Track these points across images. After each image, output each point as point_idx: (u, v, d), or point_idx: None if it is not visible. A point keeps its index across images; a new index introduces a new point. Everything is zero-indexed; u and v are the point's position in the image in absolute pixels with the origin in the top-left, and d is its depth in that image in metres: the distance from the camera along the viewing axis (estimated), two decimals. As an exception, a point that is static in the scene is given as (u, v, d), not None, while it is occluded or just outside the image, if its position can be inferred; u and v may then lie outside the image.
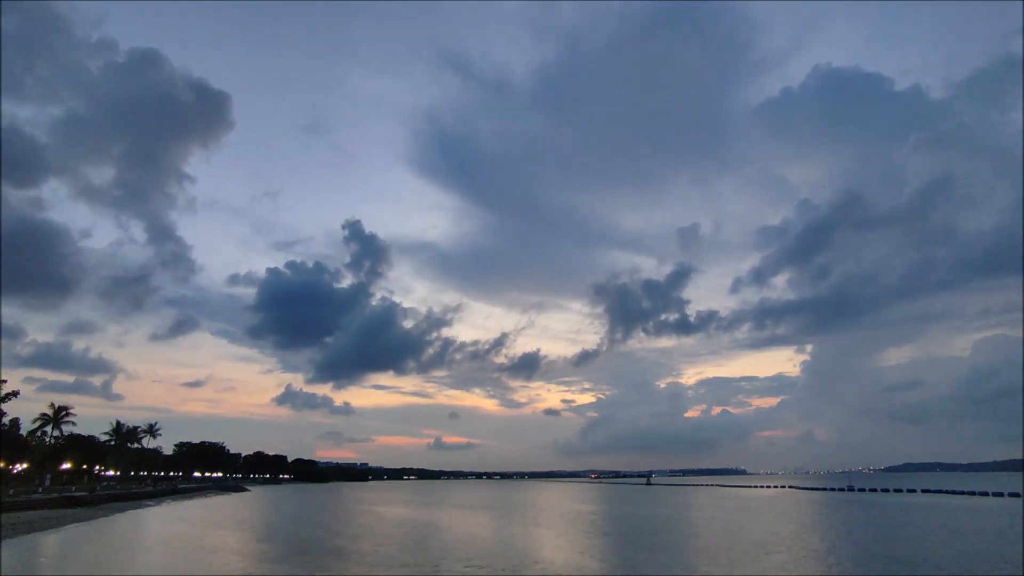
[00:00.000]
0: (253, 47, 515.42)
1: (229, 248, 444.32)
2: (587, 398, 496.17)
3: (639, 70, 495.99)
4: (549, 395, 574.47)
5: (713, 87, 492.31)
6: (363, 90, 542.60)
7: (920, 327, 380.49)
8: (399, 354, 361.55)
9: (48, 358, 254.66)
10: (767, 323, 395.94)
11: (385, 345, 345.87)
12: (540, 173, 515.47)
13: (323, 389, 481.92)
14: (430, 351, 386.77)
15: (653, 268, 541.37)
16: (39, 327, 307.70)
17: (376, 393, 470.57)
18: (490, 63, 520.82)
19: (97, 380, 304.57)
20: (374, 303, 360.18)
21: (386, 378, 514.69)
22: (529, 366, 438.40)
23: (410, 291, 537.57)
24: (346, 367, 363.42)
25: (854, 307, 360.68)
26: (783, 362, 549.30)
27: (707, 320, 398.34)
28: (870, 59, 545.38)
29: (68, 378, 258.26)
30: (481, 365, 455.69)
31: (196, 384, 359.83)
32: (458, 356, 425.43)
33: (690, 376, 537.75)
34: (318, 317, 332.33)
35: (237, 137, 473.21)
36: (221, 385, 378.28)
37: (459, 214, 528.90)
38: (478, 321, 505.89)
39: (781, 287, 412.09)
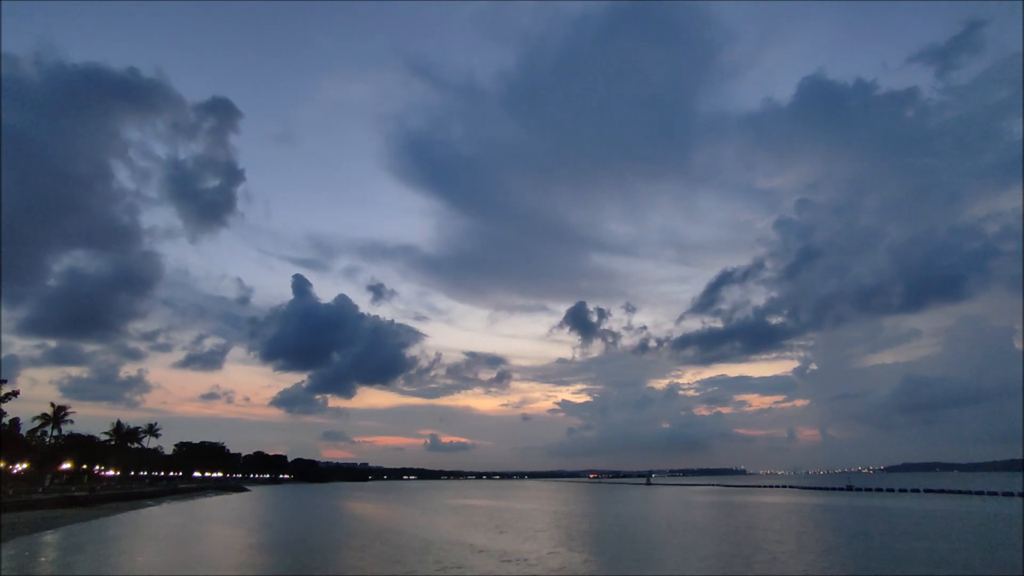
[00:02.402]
0: (226, 55, 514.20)
1: (224, 261, 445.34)
2: (585, 399, 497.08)
3: (600, 73, 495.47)
4: (547, 396, 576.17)
5: (679, 91, 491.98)
6: (333, 97, 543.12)
7: (906, 334, 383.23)
8: (394, 364, 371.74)
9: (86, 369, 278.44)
10: (759, 326, 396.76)
11: (380, 358, 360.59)
12: (515, 177, 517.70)
13: (323, 395, 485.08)
14: (424, 357, 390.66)
15: (636, 271, 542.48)
16: (93, 351, 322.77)
17: (374, 394, 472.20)
18: (453, 67, 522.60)
19: (124, 392, 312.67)
20: (368, 323, 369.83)
21: (383, 384, 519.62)
22: (526, 367, 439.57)
23: (395, 295, 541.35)
24: (344, 380, 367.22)
25: (847, 311, 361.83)
26: (782, 363, 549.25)
27: (670, 336, 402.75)
28: (849, 62, 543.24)
29: (99, 387, 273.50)
30: (476, 367, 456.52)
31: (211, 396, 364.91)
32: (451, 359, 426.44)
33: (690, 376, 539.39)
34: (317, 333, 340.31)
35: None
36: (229, 392, 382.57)
37: (439, 217, 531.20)
38: (468, 324, 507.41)
39: (768, 290, 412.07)
